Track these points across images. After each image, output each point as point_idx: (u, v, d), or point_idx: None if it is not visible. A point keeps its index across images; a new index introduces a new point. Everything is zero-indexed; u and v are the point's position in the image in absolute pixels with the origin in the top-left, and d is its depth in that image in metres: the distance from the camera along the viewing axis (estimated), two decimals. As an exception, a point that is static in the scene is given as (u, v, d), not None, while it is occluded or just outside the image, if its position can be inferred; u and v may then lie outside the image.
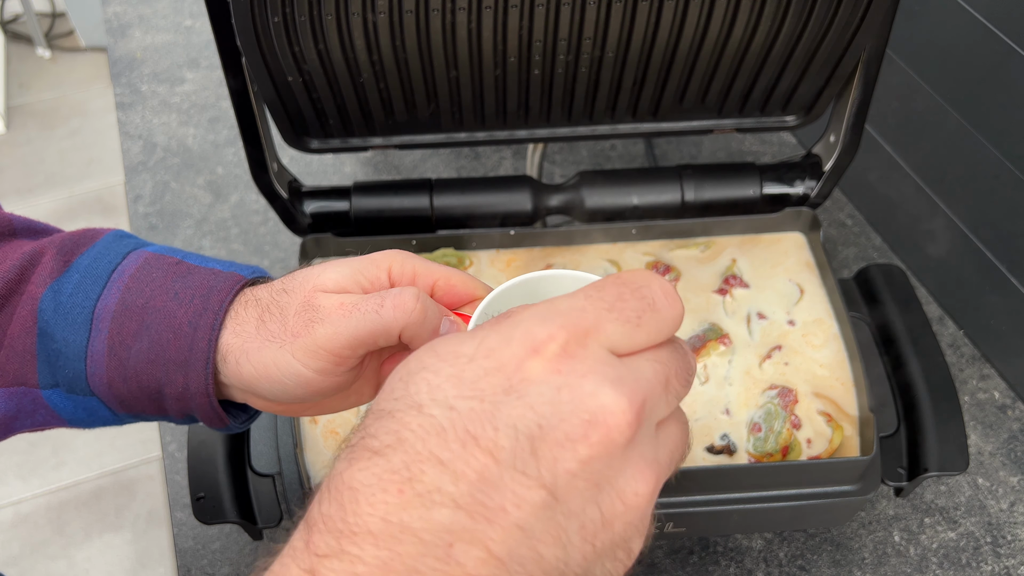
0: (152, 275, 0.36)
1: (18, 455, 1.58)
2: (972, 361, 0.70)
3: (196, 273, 0.37)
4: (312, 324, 0.35)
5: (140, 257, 0.37)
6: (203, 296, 0.35)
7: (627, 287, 0.25)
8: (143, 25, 1.06)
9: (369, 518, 0.22)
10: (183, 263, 0.37)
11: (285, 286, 0.36)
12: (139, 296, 0.36)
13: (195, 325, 0.35)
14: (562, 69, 0.57)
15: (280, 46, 0.52)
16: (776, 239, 0.65)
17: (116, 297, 0.36)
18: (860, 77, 0.58)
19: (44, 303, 0.36)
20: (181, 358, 0.35)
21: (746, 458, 0.54)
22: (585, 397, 0.23)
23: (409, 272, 0.37)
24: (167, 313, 0.35)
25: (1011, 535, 0.59)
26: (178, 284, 0.36)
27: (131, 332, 0.35)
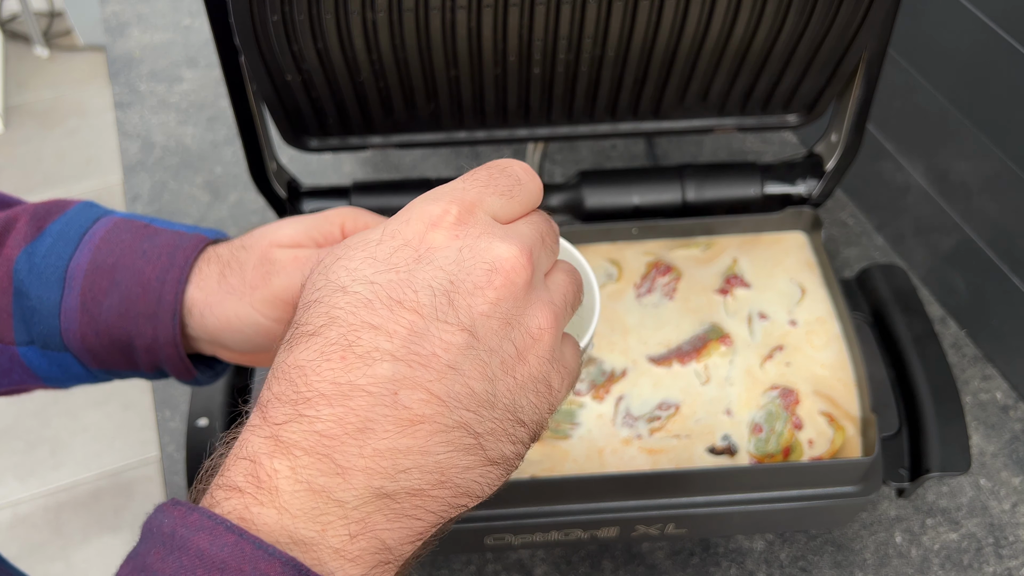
0: (121, 237, 0.39)
1: (16, 456, 1.58)
2: (974, 361, 0.70)
3: (163, 234, 0.39)
4: (269, 276, 0.38)
5: (110, 222, 0.40)
6: (169, 254, 0.38)
7: (495, 168, 0.30)
8: (141, 24, 1.06)
9: (319, 384, 0.24)
10: (150, 226, 0.40)
11: (244, 243, 0.39)
12: (109, 255, 0.38)
13: (162, 280, 0.38)
14: (563, 68, 0.56)
15: (279, 45, 0.51)
16: (777, 239, 0.65)
17: (87, 257, 0.38)
18: (862, 76, 0.58)
19: (19, 264, 0.38)
20: (150, 311, 0.38)
21: (747, 459, 0.54)
22: (483, 251, 0.27)
23: (361, 227, 0.41)
24: (136, 270, 0.38)
25: (1013, 536, 0.59)
26: (146, 244, 0.38)
27: (102, 288, 0.38)
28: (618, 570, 0.58)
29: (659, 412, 0.56)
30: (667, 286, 0.62)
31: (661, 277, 0.63)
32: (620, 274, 0.63)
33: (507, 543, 0.54)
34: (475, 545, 0.55)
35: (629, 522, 0.52)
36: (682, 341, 0.59)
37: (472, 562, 0.58)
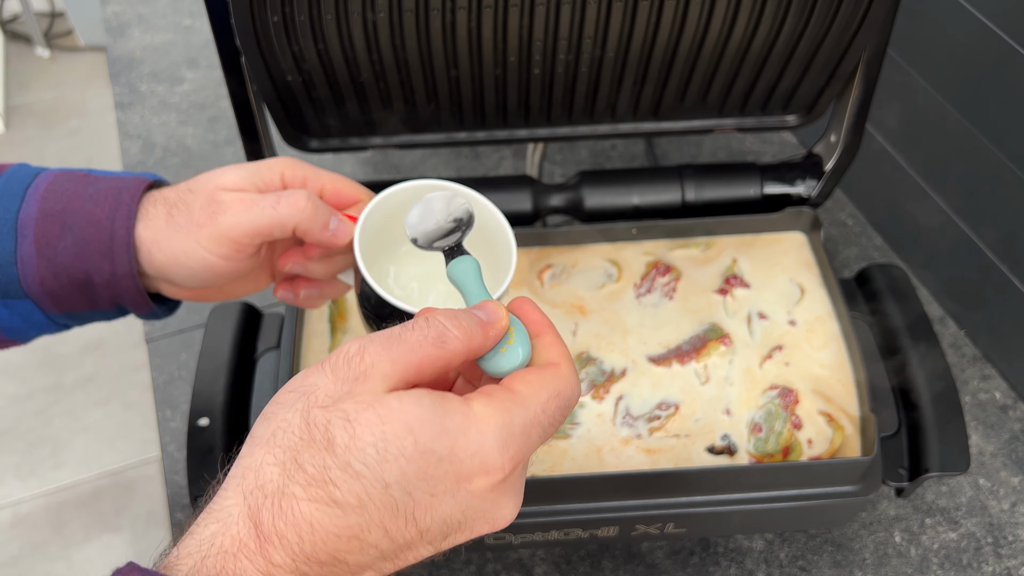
0: (64, 186, 0.41)
1: (17, 455, 1.58)
2: (973, 361, 0.70)
3: (104, 180, 0.41)
4: (216, 216, 0.41)
5: (50, 175, 0.41)
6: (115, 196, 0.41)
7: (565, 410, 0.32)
8: (142, 24, 1.06)
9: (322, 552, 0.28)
10: (90, 175, 0.42)
11: (190, 187, 0.42)
12: (56, 203, 0.40)
13: (112, 218, 0.40)
14: (562, 68, 0.56)
15: (279, 45, 0.52)
16: (777, 239, 0.65)
17: (35, 206, 0.40)
18: (861, 77, 0.58)
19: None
20: (104, 247, 0.41)
21: (747, 458, 0.54)
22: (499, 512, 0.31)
23: (300, 177, 0.44)
24: (85, 212, 0.40)
25: (1012, 536, 0.59)
26: (90, 189, 0.41)
27: (55, 233, 0.40)
28: (618, 569, 0.58)
29: (659, 412, 0.56)
30: (667, 286, 0.62)
31: (661, 277, 0.63)
32: (620, 274, 0.63)
33: (507, 542, 0.54)
34: (475, 544, 0.55)
35: (629, 521, 0.52)
36: (682, 341, 0.59)
37: (472, 561, 0.58)
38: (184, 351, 0.72)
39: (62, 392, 1.67)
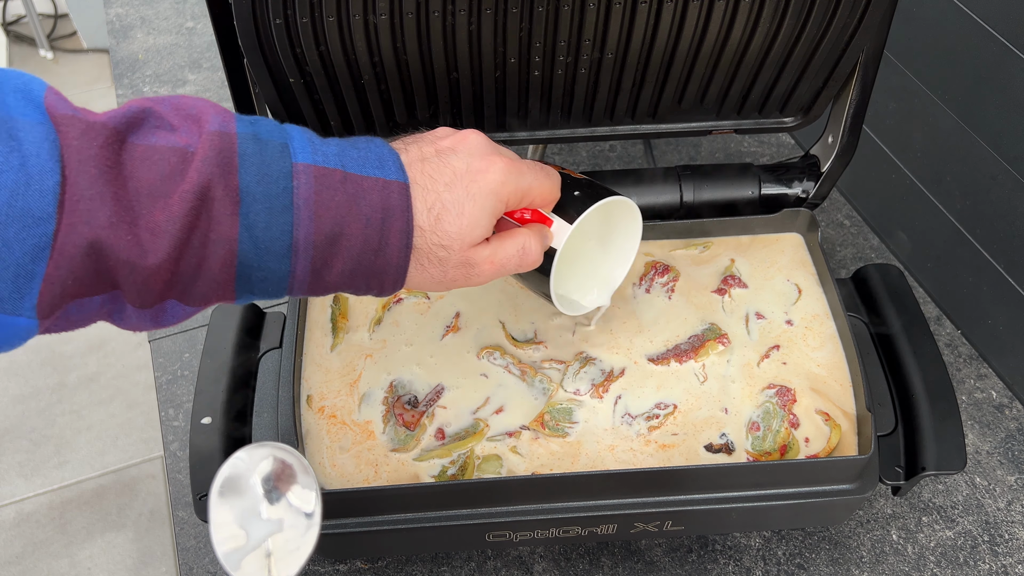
0: (332, 198, 0.40)
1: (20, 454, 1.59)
2: (969, 360, 0.70)
3: (367, 191, 0.41)
4: (469, 277, 0.45)
5: (310, 177, 0.40)
6: (383, 219, 0.41)
7: None
8: (145, 27, 1.06)
9: None
10: (347, 176, 0.41)
11: (441, 240, 0.43)
12: (332, 224, 0.40)
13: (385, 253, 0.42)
14: (561, 71, 0.57)
15: (282, 48, 0.52)
16: (774, 239, 0.65)
17: (310, 228, 0.40)
18: (858, 78, 0.59)
19: (242, 244, 0.39)
20: (378, 272, 0.42)
21: (745, 457, 0.54)
22: None
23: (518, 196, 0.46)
24: (363, 239, 0.41)
25: (1008, 534, 0.60)
26: (362, 206, 0.41)
27: (331, 255, 0.41)
28: (616, 566, 0.58)
29: (657, 410, 0.56)
30: (665, 286, 0.63)
31: (659, 277, 0.63)
32: (619, 274, 0.63)
33: (507, 540, 0.54)
34: (475, 542, 0.55)
35: (628, 519, 0.53)
36: (680, 340, 0.60)
37: (472, 559, 0.59)
38: (187, 350, 0.73)
39: (66, 391, 1.68)
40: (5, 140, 0.34)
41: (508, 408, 0.56)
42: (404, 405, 0.56)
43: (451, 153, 0.44)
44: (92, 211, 0.35)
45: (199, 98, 0.41)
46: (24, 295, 0.34)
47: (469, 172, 0.44)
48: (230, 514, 0.42)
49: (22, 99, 0.35)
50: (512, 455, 0.54)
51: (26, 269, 0.34)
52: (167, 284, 0.38)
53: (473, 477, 0.53)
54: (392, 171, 0.42)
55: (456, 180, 0.43)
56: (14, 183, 0.33)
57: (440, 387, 0.57)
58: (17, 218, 0.33)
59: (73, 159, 0.35)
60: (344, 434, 0.55)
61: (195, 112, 0.40)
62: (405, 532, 0.52)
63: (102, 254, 0.35)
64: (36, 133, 0.34)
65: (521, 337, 0.60)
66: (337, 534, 0.52)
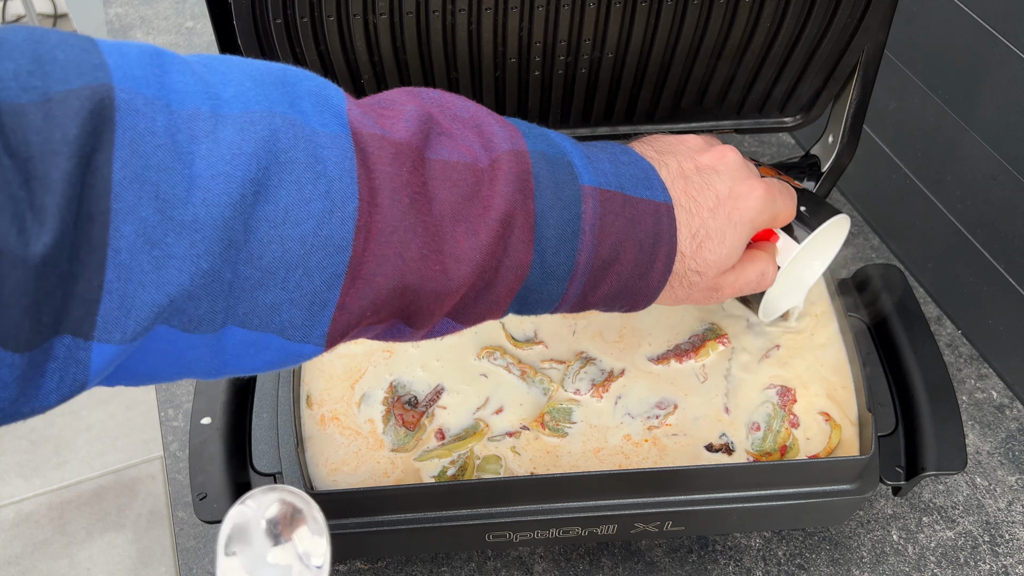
0: (615, 223, 0.39)
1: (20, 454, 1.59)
2: (970, 361, 0.70)
3: (643, 215, 0.40)
4: (708, 299, 0.45)
5: (596, 202, 0.39)
6: (652, 244, 0.41)
7: None
8: (145, 26, 1.06)
9: None
10: (627, 200, 0.40)
11: (698, 267, 0.42)
12: (609, 248, 0.39)
13: (647, 277, 0.41)
14: (561, 71, 0.57)
15: (281, 48, 0.52)
16: (775, 239, 0.65)
17: (592, 252, 0.39)
18: (858, 78, 0.59)
19: (533, 271, 0.38)
20: (638, 291, 0.42)
21: (745, 457, 0.54)
22: None
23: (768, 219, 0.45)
24: (634, 263, 0.40)
25: (1009, 534, 0.60)
26: (638, 231, 0.40)
27: (602, 278, 0.40)
28: (617, 567, 0.58)
29: (658, 410, 0.56)
30: (665, 286, 0.63)
31: (659, 277, 0.63)
32: (619, 274, 0.63)
33: (507, 540, 0.54)
34: (475, 542, 0.55)
35: (628, 519, 0.53)
36: (680, 340, 0.60)
37: (472, 559, 0.59)
38: (186, 350, 0.72)
39: (65, 392, 1.68)
40: (311, 164, 0.31)
41: (508, 408, 0.56)
42: (404, 405, 0.56)
43: (712, 173, 0.43)
44: (406, 243, 0.33)
45: (455, 95, 0.39)
46: (316, 323, 0.32)
47: (731, 197, 0.42)
48: (236, 560, 0.41)
49: (321, 107, 0.33)
50: (512, 455, 0.54)
51: (321, 297, 0.32)
52: (452, 307, 0.37)
53: (473, 477, 0.53)
54: (659, 191, 0.41)
55: (719, 205, 0.42)
56: (320, 211, 0.31)
57: (440, 387, 0.57)
58: (321, 247, 0.31)
59: (387, 187, 0.33)
60: (344, 434, 0.55)
61: (465, 115, 0.38)
62: (405, 532, 0.52)
63: (411, 287, 0.34)
64: (338, 152, 0.32)
65: (521, 337, 0.60)
66: (337, 534, 0.51)
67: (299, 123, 0.31)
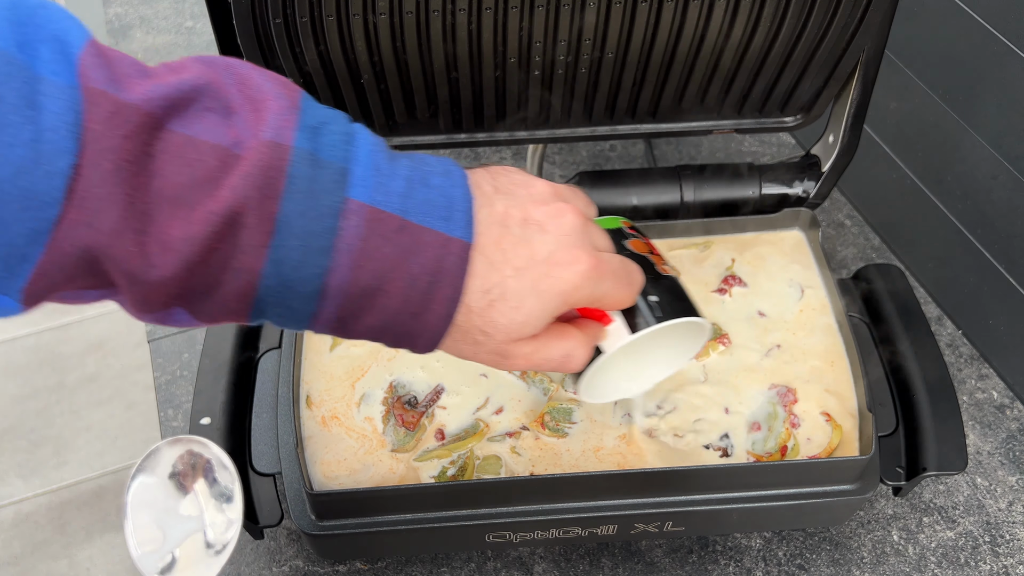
0: (381, 249, 0.35)
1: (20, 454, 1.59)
2: (970, 361, 0.70)
3: (423, 247, 0.36)
4: (498, 364, 0.40)
5: (362, 220, 0.34)
6: (429, 282, 0.36)
7: None
8: (144, 26, 1.06)
9: None
10: (404, 226, 0.35)
11: (484, 327, 0.38)
12: (372, 277, 0.35)
13: (423, 320, 0.37)
14: (562, 70, 0.57)
15: (281, 47, 0.52)
16: (775, 239, 0.65)
17: (346, 276, 0.35)
18: (859, 78, 0.59)
19: (266, 279, 0.34)
20: (411, 332, 0.37)
21: (745, 457, 0.54)
22: None
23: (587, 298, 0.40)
24: (403, 299, 0.36)
25: (1009, 534, 0.60)
26: (412, 264, 0.35)
27: (363, 309, 0.36)
28: (617, 567, 0.58)
29: (658, 411, 0.56)
30: (666, 286, 0.63)
31: (660, 277, 0.63)
32: (619, 274, 0.63)
33: (507, 540, 0.54)
34: (475, 542, 0.55)
35: (628, 520, 0.53)
36: (680, 340, 0.60)
37: (472, 559, 0.59)
38: (186, 351, 0.72)
39: (64, 391, 1.68)
40: (23, 108, 0.29)
41: (508, 408, 0.56)
42: (404, 405, 0.56)
43: (538, 231, 0.38)
44: (98, 212, 0.31)
45: (273, 76, 0.35)
46: (15, 276, 0.31)
47: (548, 263, 0.37)
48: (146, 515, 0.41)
49: (57, 53, 0.30)
50: (512, 455, 0.54)
51: (20, 251, 0.30)
52: (173, 297, 0.34)
53: (473, 477, 0.53)
54: (459, 227, 0.36)
55: (529, 267, 0.37)
56: (21, 159, 0.29)
57: (440, 387, 0.57)
58: (19, 198, 0.29)
59: (92, 147, 0.30)
60: (344, 435, 0.55)
61: (259, 95, 0.34)
62: (405, 532, 0.52)
63: (98, 260, 0.32)
64: (61, 102, 0.30)
65: (521, 337, 0.60)
66: (337, 535, 0.51)
67: (21, 64, 0.29)
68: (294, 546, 0.59)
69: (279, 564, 0.59)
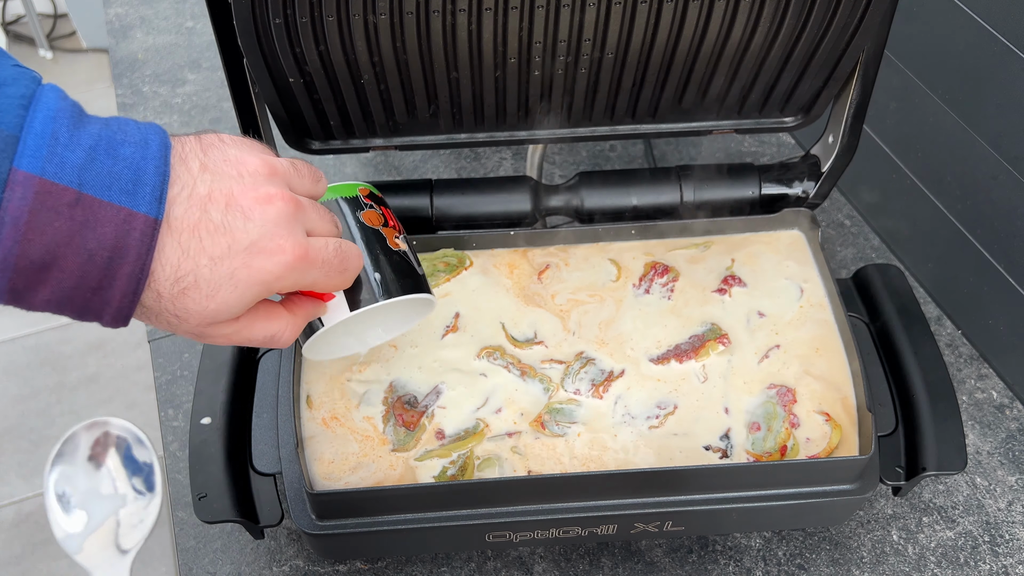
0: (51, 223, 0.33)
1: (20, 454, 1.59)
2: (970, 361, 0.70)
3: (101, 223, 0.34)
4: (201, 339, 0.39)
5: (29, 191, 0.33)
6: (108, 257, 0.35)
7: None
8: (144, 26, 1.06)
9: None
10: (80, 199, 0.34)
11: (176, 312, 0.37)
12: (43, 251, 0.34)
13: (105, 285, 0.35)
14: (562, 70, 0.57)
15: (281, 47, 0.52)
16: (775, 239, 0.65)
17: (12, 249, 0.33)
18: (858, 78, 0.59)
19: None
20: (95, 307, 0.36)
21: (745, 457, 0.54)
22: None
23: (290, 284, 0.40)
24: (79, 275, 0.35)
25: (1009, 534, 0.60)
26: (87, 239, 0.34)
27: (36, 282, 0.35)
28: (617, 567, 0.58)
29: (657, 411, 0.56)
30: (665, 286, 0.63)
31: (659, 277, 0.63)
32: (619, 274, 0.63)
33: (507, 540, 0.54)
34: (475, 542, 0.55)
35: (628, 519, 0.53)
36: (680, 340, 0.60)
37: (472, 559, 0.59)
38: (186, 350, 0.73)
39: (65, 391, 1.68)
40: None
41: (508, 408, 0.56)
42: (404, 405, 0.56)
43: (242, 218, 0.37)
44: None
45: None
46: None
47: (248, 252, 0.37)
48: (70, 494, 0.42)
49: None
50: (512, 455, 0.54)
51: None
52: None
53: (473, 477, 0.53)
54: (145, 203, 0.35)
55: (228, 256, 0.36)
56: None
57: (440, 387, 0.57)
58: None
59: None
60: (344, 434, 0.55)
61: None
62: (405, 532, 0.52)
63: None
64: None
65: (521, 337, 0.60)
66: (337, 534, 0.51)
67: None
68: (294, 546, 0.59)
69: (279, 564, 0.59)
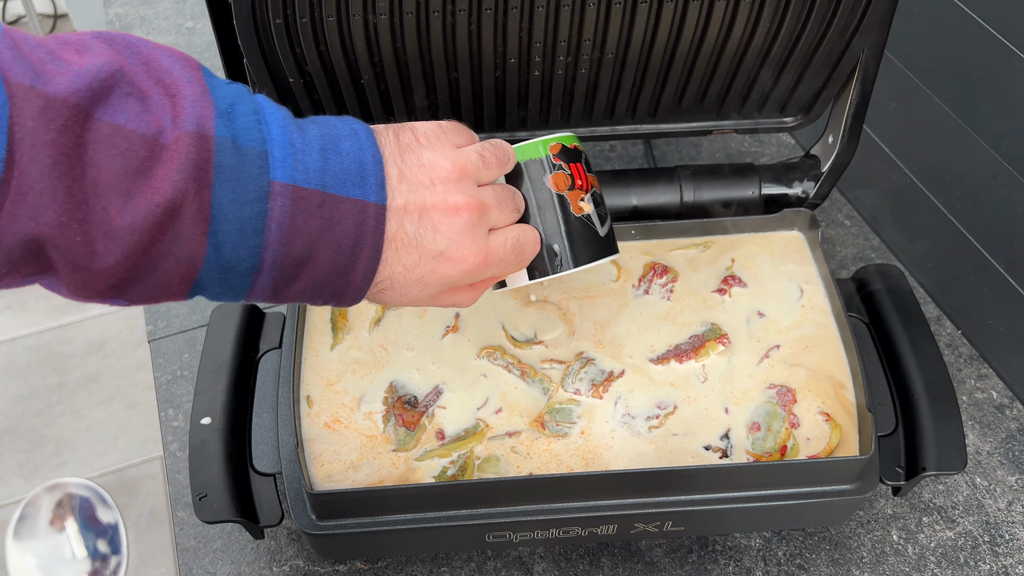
0: (307, 223, 0.37)
1: (20, 454, 1.59)
2: (970, 361, 0.70)
3: (344, 216, 0.38)
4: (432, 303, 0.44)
5: (287, 199, 0.37)
6: (353, 245, 0.39)
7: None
8: (145, 26, 1.06)
9: None
10: (325, 199, 0.38)
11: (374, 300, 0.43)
12: (300, 247, 0.38)
13: (350, 268, 0.39)
14: (562, 70, 0.57)
15: (281, 48, 0.52)
16: (775, 239, 0.65)
17: (279, 251, 0.37)
18: (858, 78, 0.59)
19: (207, 263, 0.36)
20: (338, 289, 0.40)
21: (745, 457, 0.54)
22: None
23: None
24: (331, 264, 0.39)
25: (1009, 534, 0.60)
26: (336, 232, 0.38)
27: (296, 276, 0.39)
28: (617, 567, 0.58)
29: (657, 411, 0.56)
30: (665, 286, 0.63)
31: (659, 278, 0.63)
32: (618, 274, 0.63)
33: (507, 540, 0.54)
34: (475, 542, 0.55)
35: (628, 519, 0.53)
36: (680, 341, 0.60)
37: (472, 559, 0.59)
38: (187, 351, 0.73)
39: (65, 391, 1.68)
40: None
41: (508, 408, 0.56)
42: (404, 405, 0.56)
43: (431, 229, 0.40)
44: (41, 206, 0.31)
45: (173, 53, 0.37)
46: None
47: (436, 260, 0.41)
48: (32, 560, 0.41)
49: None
50: (512, 455, 0.54)
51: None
52: (111, 287, 0.35)
53: (473, 477, 0.53)
54: (372, 191, 0.39)
55: (418, 265, 0.41)
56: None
57: (440, 387, 0.57)
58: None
59: (26, 143, 0.31)
60: (344, 434, 0.55)
61: (169, 80, 0.35)
62: (405, 532, 0.52)
63: (44, 251, 0.33)
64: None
65: (521, 337, 0.60)
66: (337, 534, 0.51)
67: None
68: (294, 546, 0.59)
69: (279, 564, 0.59)
